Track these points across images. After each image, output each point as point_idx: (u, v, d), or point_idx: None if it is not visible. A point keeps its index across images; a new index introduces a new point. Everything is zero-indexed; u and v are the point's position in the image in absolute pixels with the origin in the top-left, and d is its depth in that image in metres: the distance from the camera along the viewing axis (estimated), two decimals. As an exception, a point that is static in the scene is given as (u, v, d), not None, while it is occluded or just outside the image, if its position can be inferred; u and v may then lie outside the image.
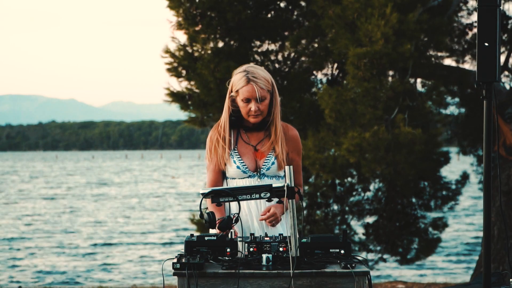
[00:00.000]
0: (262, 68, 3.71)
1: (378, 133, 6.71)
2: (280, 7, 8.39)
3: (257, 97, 3.59)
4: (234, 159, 3.69)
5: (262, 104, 3.62)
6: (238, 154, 3.71)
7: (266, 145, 3.71)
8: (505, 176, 8.01)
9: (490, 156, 3.66)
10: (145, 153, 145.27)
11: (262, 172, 3.68)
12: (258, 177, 3.68)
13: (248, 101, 3.62)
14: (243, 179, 3.68)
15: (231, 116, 3.71)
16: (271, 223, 3.57)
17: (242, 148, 3.72)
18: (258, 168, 3.69)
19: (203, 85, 7.55)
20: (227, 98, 3.71)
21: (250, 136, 3.74)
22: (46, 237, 19.20)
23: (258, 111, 3.63)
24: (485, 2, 3.59)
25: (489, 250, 3.69)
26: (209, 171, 3.78)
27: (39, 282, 12.67)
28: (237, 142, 3.73)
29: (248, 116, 3.66)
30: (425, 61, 7.67)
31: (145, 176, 54.58)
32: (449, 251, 16.11)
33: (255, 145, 3.73)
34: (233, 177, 3.71)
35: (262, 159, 3.70)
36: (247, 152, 3.72)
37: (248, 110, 3.64)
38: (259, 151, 3.71)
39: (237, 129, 3.75)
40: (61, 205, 28.94)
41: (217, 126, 3.75)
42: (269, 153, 3.70)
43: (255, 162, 3.70)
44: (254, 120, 3.66)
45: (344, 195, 8.91)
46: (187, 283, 3.07)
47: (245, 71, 3.63)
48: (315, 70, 8.35)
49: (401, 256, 8.89)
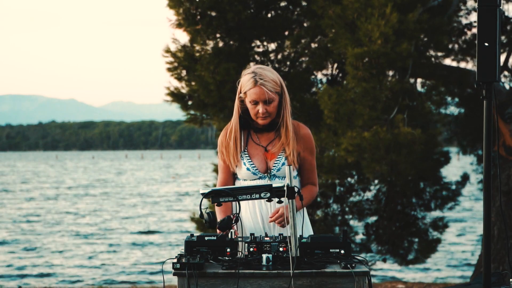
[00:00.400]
0: (270, 69, 3.67)
1: (378, 133, 6.71)
2: (280, 7, 8.39)
3: (264, 100, 3.57)
4: (244, 160, 3.67)
5: (270, 106, 3.60)
6: (248, 155, 3.69)
7: (276, 146, 3.68)
8: (505, 176, 8.02)
9: (490, 156, 3.66)
10: (145, 153, 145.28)
11: (272, 173, 3.66)
12: (268, 178, 3.66)
13: (255, 103, 3.59)
14: (254, 180, 3.66)
15: (240, 117, 3.69)
16: (280, 223, 3.56)
17: (252, 149, 3.70)
18: (269, 169, 3.67)
19: (203, 87, 7.55)
20: (236, 99, 3.69)
21: (261, 137, 3.72)
22: (46, 237, 19.20)
23: (266, 113, 3.60)
24: (485, 2, 3.59)
25: (489, 250, 3.69)
26: (220, 171, 3.78)
27: (39, 282, 12.67)
28: (247, 143, 3.71)
29: (257, 118, 3.64)
30: (425, 61, 7.67)
31: (146, 176, 54.60)
32: (449, 250, 16.11)
33: (266, 146, 3.70)
34: (244, 179, 3.69)
35: (272, 160, 3.67)
36: (257, 153, 3.69)
37: (256, 112, 3.62)
38: (270, 152, 3.69)
39: (248, 130, 3.73)
40: (62, 206, 28.93)
41: (228, 127, 3.73)
42: (280, 154, 3.67)
43: (265, 163, 3.68)
44: (263, 122, 3.64)
45: (344, 195, 8.91)
46: (187, 283, 3.07)
47: (253, 73, 3.59)
48: (315, 70, 8.35)
49: (401, 257, 8.89)
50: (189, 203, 29.40)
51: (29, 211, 26.49)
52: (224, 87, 7.41)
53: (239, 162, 3.67)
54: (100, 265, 14.71)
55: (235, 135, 3.68)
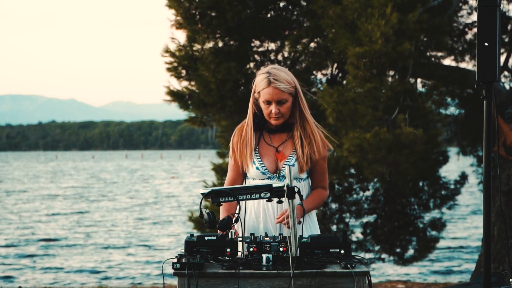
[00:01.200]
0: (285, 69, 3.68)
1: (380, 134, 6.71)
2: (280, 6, 8.39)
3: (277, 100, 3.57)
4: (254, 160, 3.68)
5: (283, 107, 3.60)
6: (259, 155, 3.69)
7: (288, 147, 3.68)
8: (505, 176, 8.02)
9: (490, 156, 3.66)
10: (145, 153, 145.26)
11: (281, 174, 3.66)
12: (277, 178, 3.65)
13: (269, 103, 3.60)
14: (263, 180, 3.66)
15: (254, 118, 3.69)
16: (287, 224, 3.55)
17: (263, 149, 3.70)
18: (278, 170, 3.67)
19: (203, 86, 7.55)
20: (251, 99, 3.70)
21: (273, 138, 3.72)
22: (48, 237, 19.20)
23: (279, 114, 3.60)
24: (485, 2, 3.59)
25: (489, 250, 3.69)
26: (229, 170, 3.79)
27: (39, 283, 12.67)
28: (259, 143, 3.71)
29: (269, 118, 3.65)
30: (425, 61, 7.67)
31: (147, 175, 54.61)
32: (449, 250, 16.11)
33: (277, 146, 3.70)
34: (254, 178, 3.70)
35: (282, 160, 3.67)
36: (268, 153, 3.69)
37: (269, 112, 3.62)
38: (281, 152, 3.69)
39: (260, 131, 3.73)
40: (64, 206, 28.94)
41: (242, 126, 3.73)
42: (290, 155, 3.67)
43: (275, 163, 3.68)
44: (275, 122, 3.65)
45: (342, 194, 8.91)
46: (187, 283, 3.07)
47: (268, 73, 3.60)
48: (315, 70, 8.35)
49: (399, 256, 8.90)
50: (190, 204, 29.41)
51: (41, 211, 26.50)
52: (225, 86, 7.41)
53: (249, 161, 3.68)
54: (100, 265, 14.71)
55: (249, 135, 3.68)
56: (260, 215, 3.67)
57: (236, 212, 3.28)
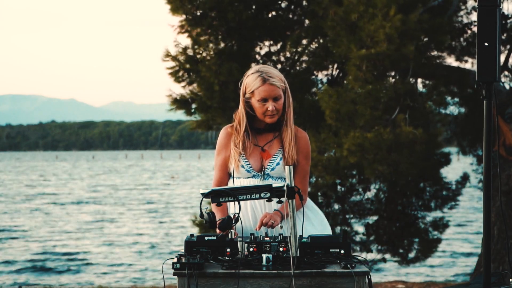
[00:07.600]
0: (273, 67, 3.72)
1: (381, 134, 6.70)
2: (281, 7, 8.39)
3: (274, 96, 3.59)
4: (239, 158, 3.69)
5: (278, 103, 3.62)
6: (244, 154, 3.70)
7: (273, 146, 3.71)
8: (505, 176, 8.01)
9: (490, 156, 3.66)
10: (145, 153, 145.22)
11: (266, 173, 3.67)
12: (262, 177, 3.67)
13: (265, 100, 3.61)
14: (248, 178, 3.68)
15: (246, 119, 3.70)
16: (270, 226, 3.54)
17: (249, 148, 3.71)
18: (263, 168, 3.69)
19: (206, 88, 7.56)
20: (241, 101, 3.70)
21: (259, 138, 3.74)
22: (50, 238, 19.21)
23: (275, 111, 3.62)
24: (485, 2, 3.59)
25: (489, 250, 3.69)
26: (216, 169, 3.79)
27: (39, 283, 12.67)
28: (245, 143, 3.72)
29: (265, 117, 3.65)
30: (426, 61, 7.67)
31: (147, 175, 54.62)
32: (449, 250, 16.10)
33: (263, 146, 3.72)
34: (238, 177, 3.71)
35: (267, 159, 3.70)
36: (254, 152, 3.71)
37: (264, 110, 3.63)
38: (266, 151, 3.71)
39: (246, 131, 3.73)
40: (67, 207, 28.95)
41: (231, 127, 3.74)
42: (275, 154, 3.69)
43: (260, 162, 3.70)
44: (271, 120, 3.66)
45: (345, 195, 8.91)
46: (187, 283, 3.07)
47: (259, 71, 3.62)
48: (316, 70, 8.35)
49: (401, 257, 8.89)
50: (190, 204, 29.40)
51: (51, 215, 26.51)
52: (227, 88, 7.43)
53: (242, 161, 3.69)
54: (99, 265, 14.71)
55: (239, 136, 3.69)
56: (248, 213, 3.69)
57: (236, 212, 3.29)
